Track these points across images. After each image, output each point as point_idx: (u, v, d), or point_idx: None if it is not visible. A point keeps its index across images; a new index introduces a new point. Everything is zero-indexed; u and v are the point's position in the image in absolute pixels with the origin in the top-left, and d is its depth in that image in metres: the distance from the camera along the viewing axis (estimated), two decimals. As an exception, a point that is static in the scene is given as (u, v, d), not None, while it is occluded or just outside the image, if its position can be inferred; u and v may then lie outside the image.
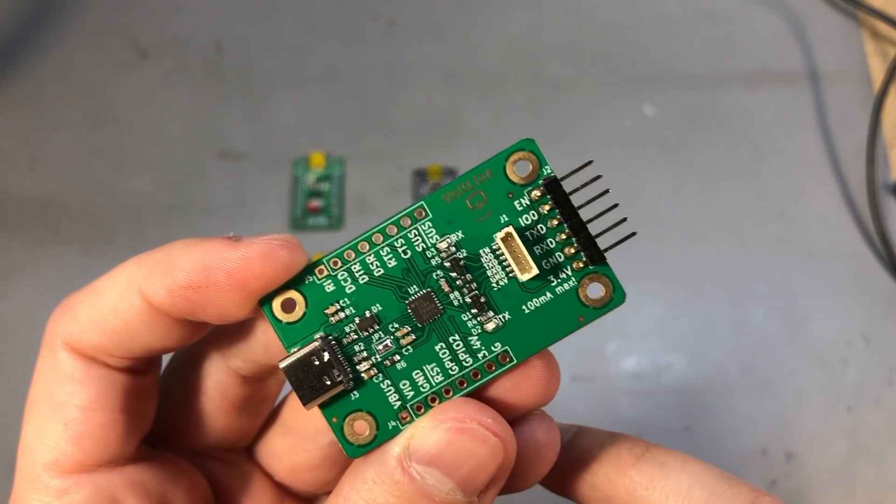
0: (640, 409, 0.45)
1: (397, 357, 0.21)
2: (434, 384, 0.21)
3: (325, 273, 0.21)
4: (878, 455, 0.44)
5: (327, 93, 0.53)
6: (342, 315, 0.21)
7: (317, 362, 0.20)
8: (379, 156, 0.51)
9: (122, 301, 0.20)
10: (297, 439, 0.25)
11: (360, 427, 0.21)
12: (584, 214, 0.21)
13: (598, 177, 0.21)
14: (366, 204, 0.50)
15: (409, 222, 0.21)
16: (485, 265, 0.21)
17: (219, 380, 0.24)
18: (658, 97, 0.53)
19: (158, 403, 0.24)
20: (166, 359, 0.24)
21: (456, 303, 0.21)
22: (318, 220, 0.50)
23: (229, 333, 0.23)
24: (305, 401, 0.20)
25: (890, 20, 0.53)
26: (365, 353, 0.21)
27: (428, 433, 0.20)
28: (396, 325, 0.21)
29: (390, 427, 0.21)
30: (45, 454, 0.21)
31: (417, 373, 0.21)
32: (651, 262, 0.48)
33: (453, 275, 0.21)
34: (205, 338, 0.24)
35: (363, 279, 0.21)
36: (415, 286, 0.21)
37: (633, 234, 0.21)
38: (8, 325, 0.47)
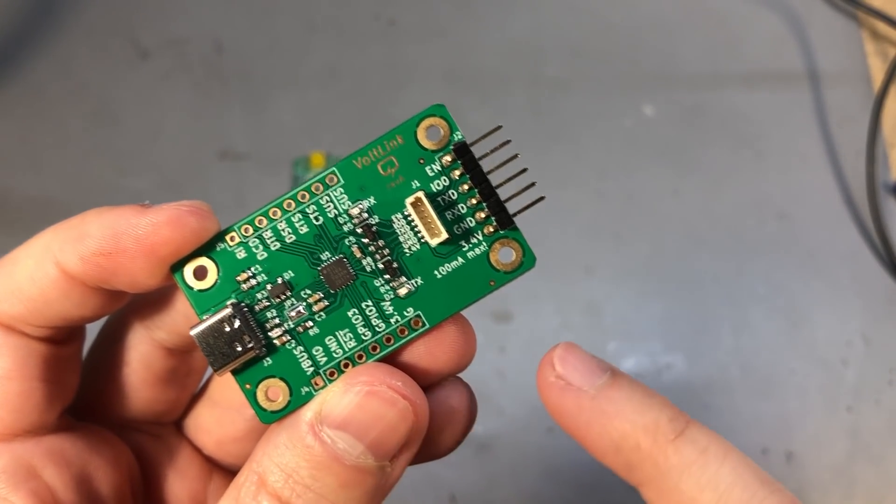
0: (640, 409, 0.45)
1: (310, 323, 0.21)
2: (347, 350, 0.21)
3: (237, 240, 0.21)
4: (878, 455, 0.44)
5: (327, 93, 0.53)
6: (254, 282, 0.21)
7: (228, 329, 0.20)
8: (379, 156, 0.51)
9: (37, 269, 0.20)
10: (224, 412, 0.25)
11: (274, 393, 0.21)
12: (495, 180, 0.21)
13: (508, 141, 0.21)
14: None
15: (322, 188, 0.21)
16: (397, 231, 0.21)
17: (143, 351, 0.24)
18: (658, 97, 0.53)
19: (84, 375, 0.24)
20: (91, 331, 0.24)
21: (368, 269, 0.21)
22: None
23: (152, 304, 0.23)
24: (216, 367, 0.20)
25: (890, 20, 0.53)
26: (277, 320, 0.21)
27: (339, 397, 0.20)
28: (309, 292, 0.21)
29: (303, 393, 0.21)
30: None
31: (330, 339, 0.21)
32: (651, 262, 0.48)
33: (365, 240, 0.21)
34: (128, 309, 0.24)
35: (275, 246, 0.21)
36: (327, 252, 0.21)
37: (542, 198, 0.21)
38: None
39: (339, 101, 0.53)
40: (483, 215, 0.21)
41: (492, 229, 0.21)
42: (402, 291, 0.21)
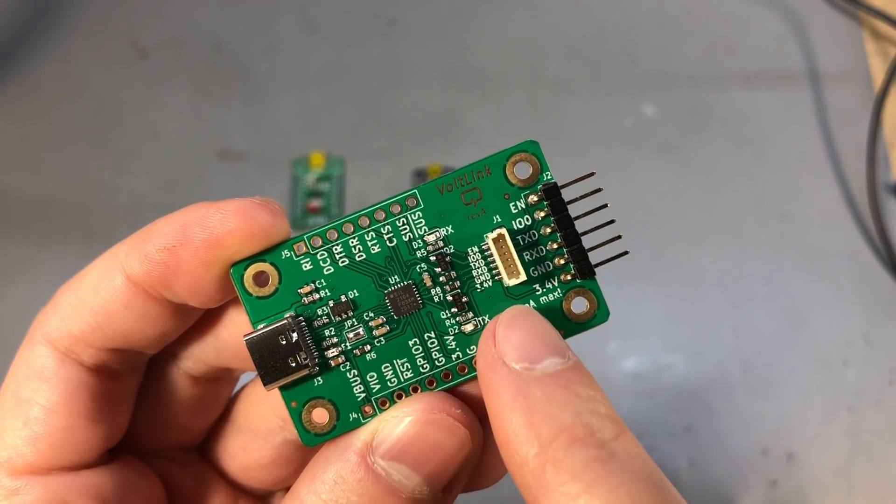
0: (641, 409, 0.45)
1: (368, 347, 0.20)
2: (402, 380, 0.20)
3: (304, 250, 0.20)
4: (879, 455, 0.44)
5: (327, 93, 0.53)
6: (316, 296, 0.20)
7: (283, 342, 0.19)
8: (379, 156, 0.51)
9: (101, 279, 0.20)
10: (249, 438, 0.24)
11: (320, 415, 0.20)
12: (580, 227, 0.20)
13: (599, 189, 0.20)
14: (366, 204, 0.50)
15: (399, 209, 0.20)
16: (471, 264, 0.20)
17: (170, 381, 0.23)
18: (658, 97, 0.53)
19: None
20: None
21: (436, 299, 0.20)
22: (318, 220, 0.50)
23: (181, 335, 0.23)
24: (267, 381, 0.19)
25: (890, 20, 0.53)
26: (335, 339, 0.20)
27: (393, 426, 0.19)
28: (372, 315, 0.20)
29: (351, 419, 0.20)
30: (1, 451, 0.20)
31: (387, 366, 0.20)
32: (651, 262, 0.48)
33: (438, 270, 0.20)
34: None
35: (343, 262, 0.20)
36: (396, 276, 0.20)
37: (626, 252, 0.20)
38: (7, 326, 0.47)
39: (339, 101, 0.53)
40: (562, 261, 0.20)
41: (569, 277, 0.20)
42: (468, 328, 0.20)
